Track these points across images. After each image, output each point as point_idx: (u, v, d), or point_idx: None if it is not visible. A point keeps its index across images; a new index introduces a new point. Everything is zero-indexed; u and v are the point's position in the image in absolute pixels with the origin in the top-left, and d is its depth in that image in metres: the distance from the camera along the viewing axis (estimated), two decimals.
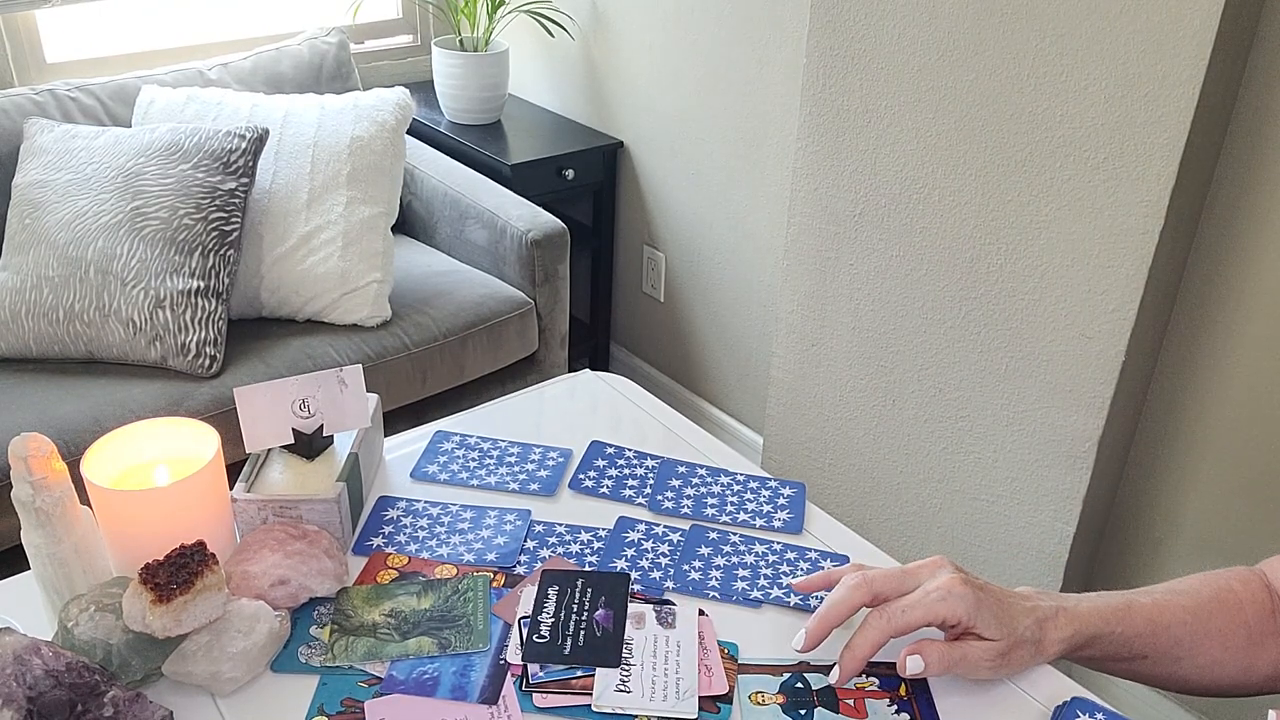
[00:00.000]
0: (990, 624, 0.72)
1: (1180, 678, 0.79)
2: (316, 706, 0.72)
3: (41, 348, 1.83)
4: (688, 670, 0.75)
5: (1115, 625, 0.76)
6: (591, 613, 0.79)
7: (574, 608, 0.80)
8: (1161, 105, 1.30)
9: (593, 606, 0.80)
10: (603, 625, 0.78)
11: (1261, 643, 0.78)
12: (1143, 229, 1.36)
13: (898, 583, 0.73)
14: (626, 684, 0.74)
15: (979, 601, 0.71)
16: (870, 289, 1.72)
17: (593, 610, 0.79)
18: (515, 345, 2.16)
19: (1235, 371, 1.51)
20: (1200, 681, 0.79)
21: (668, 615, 0.80)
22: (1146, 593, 0.79)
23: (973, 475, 1.68)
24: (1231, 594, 0.79)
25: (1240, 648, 0.78)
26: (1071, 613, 0.75)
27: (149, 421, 0.81)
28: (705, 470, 0.97)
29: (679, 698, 0.73)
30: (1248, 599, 0.79)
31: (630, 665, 0.75)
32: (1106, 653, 0.77)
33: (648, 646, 0.77)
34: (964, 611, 0.71)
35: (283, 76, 2.30)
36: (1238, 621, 0.78)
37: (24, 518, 0.73)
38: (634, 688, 0.73)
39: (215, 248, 1.85)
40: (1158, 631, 0.77)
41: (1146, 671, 0.79)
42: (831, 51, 1.64)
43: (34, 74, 2.27)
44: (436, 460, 0.98)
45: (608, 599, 0.81)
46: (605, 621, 0.79)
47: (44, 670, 0.66)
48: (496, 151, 2.39)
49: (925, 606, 0.71)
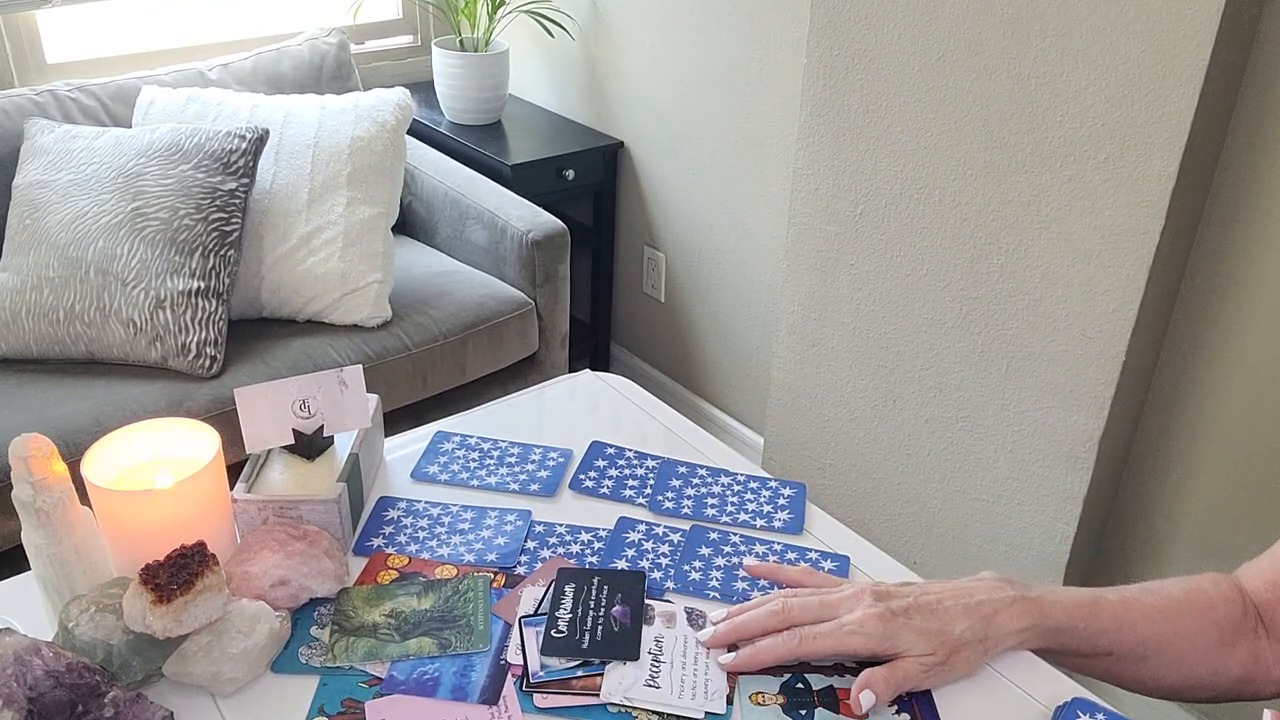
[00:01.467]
0: (914, 643, 0.73)
1: (1148, 677, 0.79)
2: (317, 707, 0.72)
3: (42, 348, 1.83)
4: (716, 672, 0.75)
5: (1079, 620, 0.75)
6: (609, 609, 0.80)
7: (591, 604, 0.80)
8: (1161, 105, 1.30)
9: (609, 603, 0.80)
10: (620, 620, 0.79)
11: (1232, 644, 0.78)
12: (1143, 229, 1.36)
13: (814, 614, 0.75)
14: (655, 679, 0.74)
15: (891, 633, 0.73)
16: (870, 289, 1.72)
17: (610, 606, 0.80)
18: (516, 345, 2.16)
19: (1236, 371, 1.51)
20: (1168, 682, 0.79)
21: (698, 617, 0.80)
22: (1115, 591, 0.78)
23: (973, 475, 1.68)
24: (1203, 594, 0.79)
25: (1210, 648, 0.77)
26: (1034, 604, 0.75)
27: (149, 422, 0.81)
28: (705, 470, 0.98)
29: (708, 697, 0.73)
30: (1219, 599, 0.79)
31: (660, 662, 0.76)
32: (1070, 648, 0.77)
33: (678, 646, 0.77)
34: (874, 645, 0.73)
35: (283, 77, 2.30)
36: (1209, 622, 0.78)
37: (24, 518, 0.73)
38: (663, 684, 0.74)
39: (216, 248, 1.85)
40: (1123, 629, 0.76)
41: (1113, 670, 0.79)
42: (832, 52, 1.64)
43: (34, 74, 2.27)
44: (437, 461, 0.98)
45: (624, 596, 0.81)
46: (623, 617, 0.79)
47: (44, 671, 0.66)
48: (497, 152, 2.39)
49: (835, 638, 0.73)
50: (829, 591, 0.77)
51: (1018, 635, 0.75)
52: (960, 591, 0.76)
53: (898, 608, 0.74)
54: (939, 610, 0.74)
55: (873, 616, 0.73)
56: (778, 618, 0.76)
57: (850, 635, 0.73)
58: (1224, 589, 0.79)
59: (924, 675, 0.73)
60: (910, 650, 0.73)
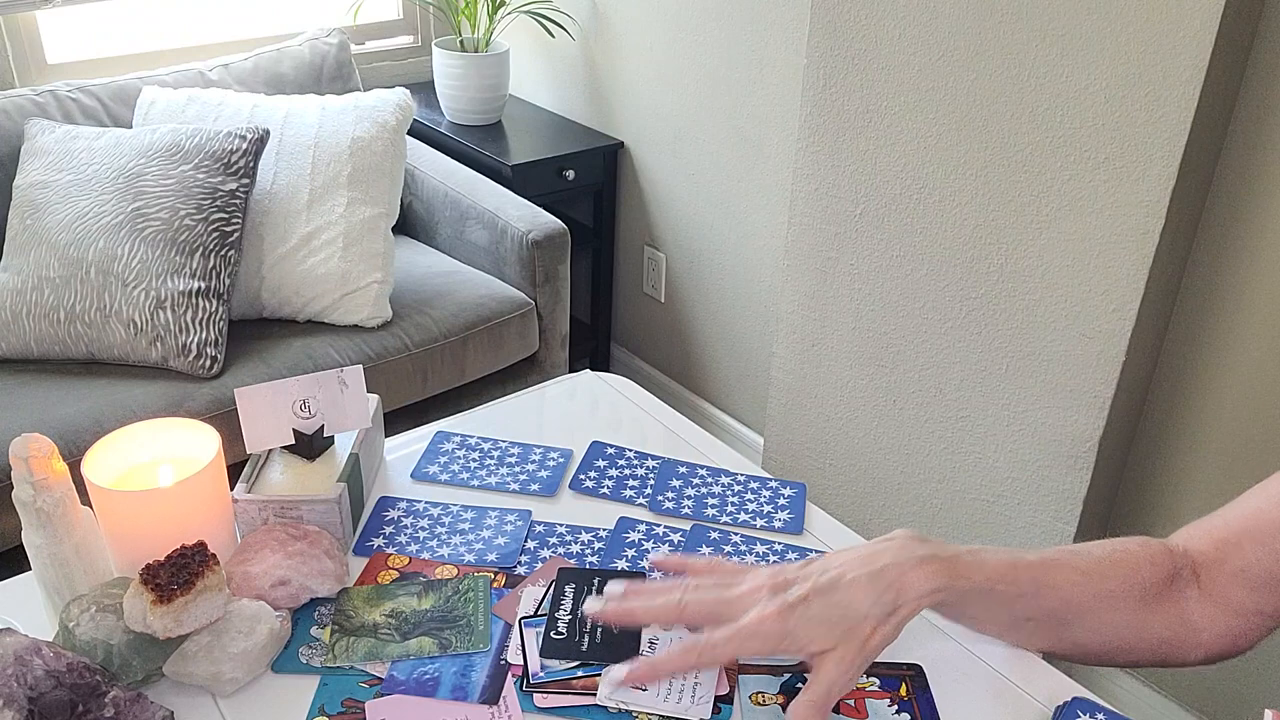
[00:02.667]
0: (815, 635, 0.69)
1: (1071, 642, 0.76)
2: (317, 707, 0.72)
3: (42, 348, 1.84)
4: (707, 676, 0.75)
5: (998, 583, 0.72)
6: None
7: None
8: (1161, 105, 1.30)
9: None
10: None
11: (1156, 604, 0.76)
12: (1143, 229, 1.36)
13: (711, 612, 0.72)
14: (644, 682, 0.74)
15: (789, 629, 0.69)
16: (870, 289, 1.72)
17: None
18: (516, 346, 2.16)
19: (1236, 371, 1.51)
20: (1093, 646, 0.76)
21: None
22: (1036, 552, 0.76)
23: (973, 475, 1.68)
24: (1128, 555, 0.77)
25: (1132, 608, 0.75)
26: (947, 563, 0.71)
27: (150, 422, 0.81)
28: (706, 470, 0.98)
29: (694, 701, 0.73)
30: (1145, 560, 0.76)
31: None
32: (990, 614, 0.74)
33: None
34: (773, 645, 0.69)
35: (283, 77, 2.30)
36: (1132, 581, 0.75)
37: (25, 518, 0.73)
38: (650, 686, 0.73)
39: (216, 248, 1.85)
40: (1043, 591, 0.74)
41: (1034, 637, 0.77)
42: (832, 52, 1.64)
43: (35, 75, 2.27)
44: (437, 461, 0.98)
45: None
46: None
47: (45, 671, 0.66)
48: (497, 152, 2.39)
49: (735, 643, 0.70)
50: (730, 585, 0.73)
51: (931, 596, 0.70)
52: (865, 558, 0.71)
53: (795, 599, 0.70)
54: (840, 587, 0.70)
55: (770, 616, 0.69)
56: (674, 614, 0.73)
57: (748, 640, 0.69)
58: (1152, 550, 0.77)
59: (846, 673, 0.69)
60: (812, 644, 0.69)
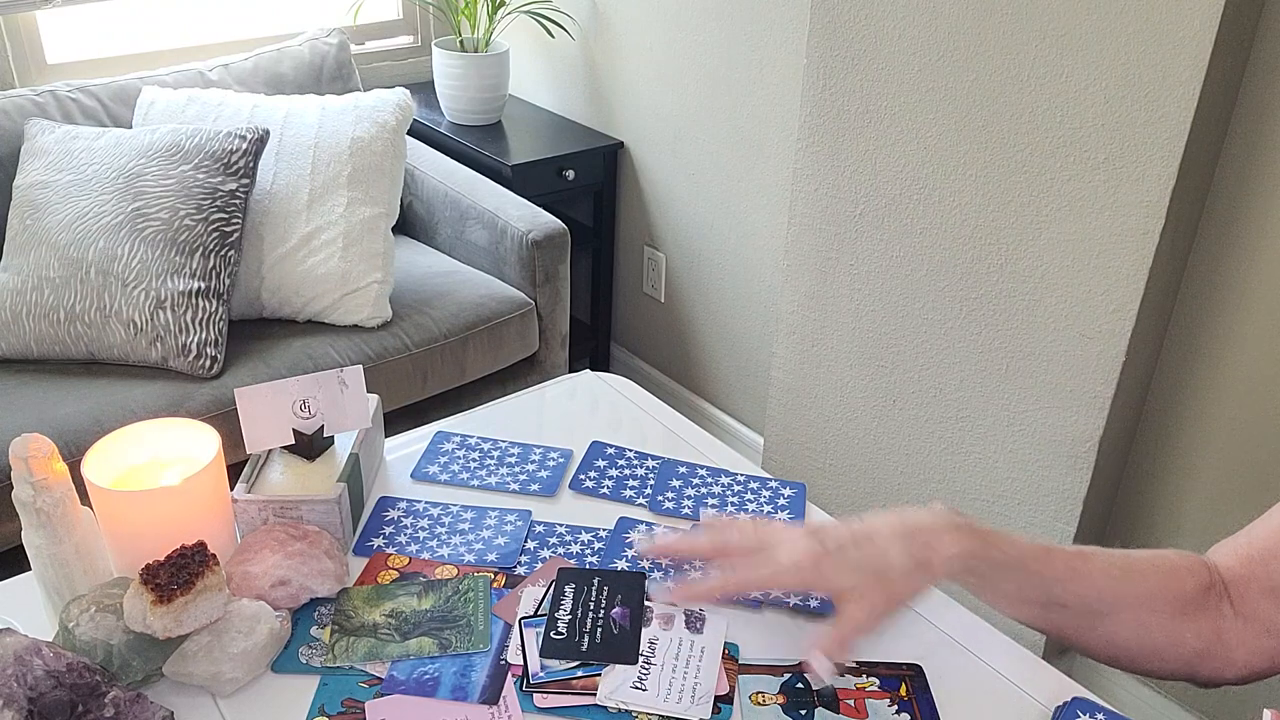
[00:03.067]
0: (848, 576, 0.72)
1: (1103, 637, 0.77)
2: (317, 707, 0.72)
3: (42, 349, 1.84)
4: (707, 676, 0.75)
5: (1031, 561, 0.74)
6: (609, 610, 0.80)
7: (590, 605, 0.80)
8: (1161, 105, 1.30)
9: (609, 604, 0.80)
10: (619, 623, 0.79)
11: (1193, 615, 0.76)
12: (1143, 229, 1.36)
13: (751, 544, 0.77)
14: (643, 682, 0.74)
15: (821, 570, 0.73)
16: (870, 289, 1.72)
17: (609, 608, 0.80)
18: (516, 346, 2.16)
19: (1236, 371, 1.51)
20: (1124, 643, 0.77)
21: (696, 620, 0.80)
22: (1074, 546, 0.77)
23: (973, 475, 1.68)
24: (1166, 562, 0.77)
25: (1168, 614, 0.75)
26: (979, 534, 0.73)
27: (150, 422, 0.81)
28: (706, 471, 0.98)
29: (694, 701, 0.73)
30: (1184, 569, 0.77)
31: (651, 664, 0.75)
32: (1023, 593, 0.75)
33: (672, 648, 0.77)
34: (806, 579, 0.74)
35: (283, 77, 2.30)
36: (1171, 588, 0.76)
37: (25, 518, 0.73)
38: (650, 686, 0.73)
39: (216, 248, 1.85)
40: (1079, 579, 0.74)
41: (1067, 627, 0.77)
42: (832, 52, 1.64)
43: (35, 75, 2.27)
44: (437, 461, 0.98)
45: (624, 597, 0.81)
46: (622, 619, 0.79)
47: (45, 671, 0.66)
48: (497, 152, 2.39)
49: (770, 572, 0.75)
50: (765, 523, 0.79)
51: (960, 559, 0.72)
52: (902, 519, 0.74)
53: (831, 544, 0.73)
54: (874, 537, 0.73)
55: (806, 555, 0.73)
56: (716, 549, 0.78)
57: (783, 574, 0.74)
58: (1190, 561, 0.78)
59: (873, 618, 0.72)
60: (842, 584, 0.72)
